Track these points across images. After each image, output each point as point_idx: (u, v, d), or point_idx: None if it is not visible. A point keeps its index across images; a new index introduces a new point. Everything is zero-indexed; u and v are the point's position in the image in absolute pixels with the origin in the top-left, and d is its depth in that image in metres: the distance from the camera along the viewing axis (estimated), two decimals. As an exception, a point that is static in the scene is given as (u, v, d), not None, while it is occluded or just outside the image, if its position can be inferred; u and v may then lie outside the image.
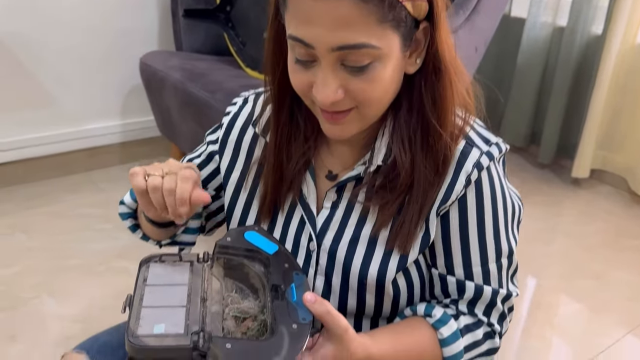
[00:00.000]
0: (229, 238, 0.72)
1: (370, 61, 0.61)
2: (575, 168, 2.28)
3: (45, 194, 2.03)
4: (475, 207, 0.71)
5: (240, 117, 0.84)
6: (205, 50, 2.09)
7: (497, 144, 0.73)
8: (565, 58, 2.29)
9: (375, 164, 0.72)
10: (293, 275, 0.68)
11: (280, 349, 0.58)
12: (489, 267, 0.73)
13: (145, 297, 0.63)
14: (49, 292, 1.54)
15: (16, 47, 1.92)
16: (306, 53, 0.62)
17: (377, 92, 0.64)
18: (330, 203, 0.76)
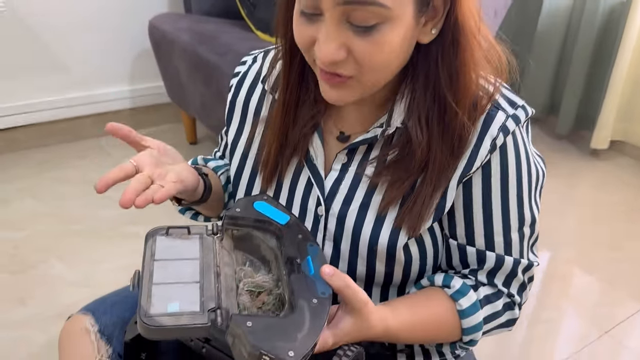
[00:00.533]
0: (237, 208, 0.68)
1: (377, 22, 0.57)
2: (595, 139, 2.23)
3: (55, 158, 2.04)
4: (499, 174, 0.68)
5: (249, 76, 0.81)
6: (215, 12, 2.05)
7: (524, 107, 0.69)
8: (588, 25, 2.21)
9: (395, 125, 0.68)
10: (307, 246, 0.65)
11: (302, 325, 0.55)
12: (511, 236, 0.71)
13: (155, 273, 0.59)
14: (58, 257, 1.54)
15: (25, 13, 1.90)
16: (312, 4, 0.58)
17: (381, 58, 0.60)
18: (340, 165, 0.73)
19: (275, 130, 0.73)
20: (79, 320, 0.76)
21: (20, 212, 1.73)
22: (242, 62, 0.83)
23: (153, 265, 0.60)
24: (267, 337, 0.53)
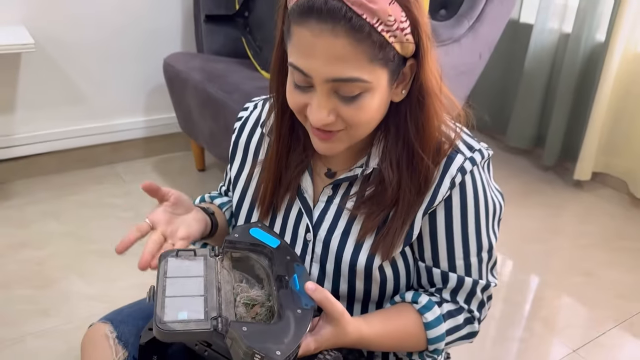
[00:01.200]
0: (236, 234, 0.80)
1: (360, 92, 0.69)
2: (578, 171, 2.36)
3: (74, 183, 2.19)
4: (459, 207, 0.79)
5: (250, 121, 0.93)
6: (224, 52, 2.22)
7: (480, 150, 0.80)
8: (570, 64, 2.36)
9: (372, 166, 0.80)
10: (295, 266, 0.76)
11: (288, 331, 0.65)
12: (471, 260, 0.81)
13: (167, 288, 0.70)
14: (78, 274, 1.68)
15: (52, 48, 2.08)
16: (304, 80, 0.70)
17: (365, 118, 0.72)
18: (326, 197, 0.84)
19: (270, 174, 0.85)
20: (99, 328, 0.87)
21: (43, 232, 1.88)
22: (244, 108, 0.96)
23: (166, 282, 0.71)
24: (259, 340, 0.63)
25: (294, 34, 0.68)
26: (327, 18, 0.64)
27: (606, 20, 2.26)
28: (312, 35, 0.65)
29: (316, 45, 0.66)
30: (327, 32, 0.64)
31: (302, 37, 0.67)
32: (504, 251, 1.96)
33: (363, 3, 0.64)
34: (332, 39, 0.65)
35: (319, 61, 0.66)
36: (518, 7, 2.60)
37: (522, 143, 2.63)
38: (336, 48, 0.65)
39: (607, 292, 1.78)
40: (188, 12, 2.30)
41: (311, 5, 0.64)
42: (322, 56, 0.66)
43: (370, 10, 0.64)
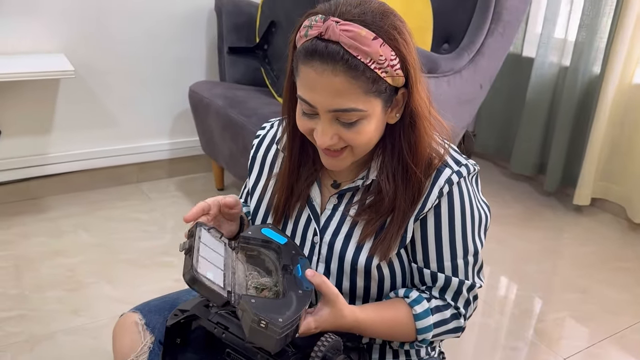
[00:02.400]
0: (249, 232, 0.92)
1: (357, 119, 0.80)
2: (577, 196, 2.47)
3: (104, 200, 2.36)
4: (447, 214, 0.89)
5: (266, 139, 1.05)
6: (244, 81, 2.40)
7: (467, 165, 0.90)
8: (569, 95, 2.50)
9: (371, 178, 0.90)
10: (298, 258, 0.87)
11: (290, 305, 0.76)
12: (457, 262, 0.90)
13: (201, 250, 0.81)
14: (106, 279, 1.83)
15: (87, 75, 2.27)
16: (310, 109, 0.82)
17: (364, 139, 0.83)
18: (332, 206, 0.95)
19: (284, 185, 0.96)
20: (129, 317, 0.99)
21: (75, 242, 2.03)
22: (262, 127, 1.08)
23: (200, 245, 0.82)
24: (265, 310, 0.73)
25: (300, 71, 0.80)
26: (327, 59, 0.76)
27: (601, 54, 2.40)
28: (316, 73, 0.77)
29: (319, 82, 0.78)
30: (328, 71, 0.76)
31: (308, 74, 0.78)
32: (504, 268, 2.07)
33: (358, 47, 0.76)
34: (333, 77, 0.77)
35: (322, 95, 0.79)
36: (520, 41, 2.76)
37: (525, 170, 2.75)
38: (336, 85, 0.77)
39: (601, 307, 1.87)
40: (212, 44, 2.49)
41: (314, 49, 0.77)
42: (325, 91, 0.78)
43: (364, 52, 0.76)
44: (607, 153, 2.46)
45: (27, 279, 1.80)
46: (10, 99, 2.16)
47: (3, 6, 2.04)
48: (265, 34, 2.21)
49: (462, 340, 1.65)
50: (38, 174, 2.29)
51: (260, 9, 2.24)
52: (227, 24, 2.35)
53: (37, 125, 2.24)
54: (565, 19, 2.55)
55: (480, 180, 0.96)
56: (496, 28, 2.03)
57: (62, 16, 2.15)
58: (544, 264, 2.12)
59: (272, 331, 0.72)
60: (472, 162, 0.93)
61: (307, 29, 0.79)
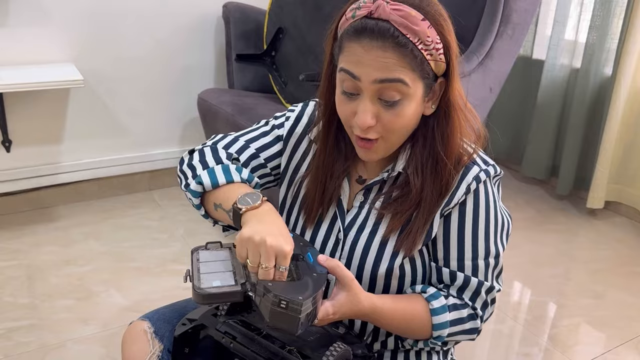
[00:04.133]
0: None
1: (400, 98, 0.80)
2: (590, 199, 2.43)
3: (114, 208, 2.37)
4: (472, 211, 0.89)
5: (305, 116, 1.01)
6: (253, 88, 2.40)
7: (494, 166, 0.90)
8: (580, 97, 2.47)
9: (397, 170, 0.90)
10: (308, 248, 0.86)
11: (307, 286, 0.75)
12: (478, 262, 0.89)
13: (201, 268, 0.80)
14: (115, 287, 1.83)
15: (97, 84, 2.29)
16: (352, 85, 0.81)
17: (401, 124, 0.82)
18: (359, 203, 0.94)
19: (318, 182, 0.94)
20: (138, 325, 0.97)
21: (85, 251, 2.04)
22: (294, 105, 1.04)
23: (199, 265, 0.81)
24: (283, 291, 0.72)
25: (346, 49, 0.80)
26: (377, 36, 0.77)
27: (613, 56, 2.37)
28: (364, 49, 0.78)
29: (366, 57, 0.78)
30: (376, 47, 0.77)
31: (355, 50, 0.79)
32: (517, 273, 2.04)
33: (407, 25, 0.77)
34: (381, 52, 0.77)
35: (369, 67, 0.78)
36: (530, 44, 2.74)
37: (537, 173, 2.72)
38: (385, 59, 0.77)
39: (616, 312, 1.84)
40: (221, 51, 2.50)
41: (364, 27, 0.78)
42: (372, 64, 0.78)
43: (413, 31, 0.77)
44: (620, 155, 2.43)
45: (37, 288, 1.81)
46: (21, 109, 2.17)
47: (12, 17, 2.06)
48: (273, 41, 2.22)
49: (475, 347, 1.63)
50: (49, 183, 2.31)
51: (267, 16, 2.24)
52: (235, 31, 2.36)
53: (47, 134, 2.26)
54: (576, 21, 2.53)
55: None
56: (505, 30, 2.02)
57: (71, 26, 2.17)
58: (557, 269, 2.09)
59: (293, 310, 0.71)
60: (497, 165, 0.93)
61: (355, 11, 0.80)
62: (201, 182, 0.91)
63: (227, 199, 0.87)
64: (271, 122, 1.04)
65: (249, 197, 0.84)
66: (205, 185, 0.91)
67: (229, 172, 0.92)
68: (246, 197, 0.84)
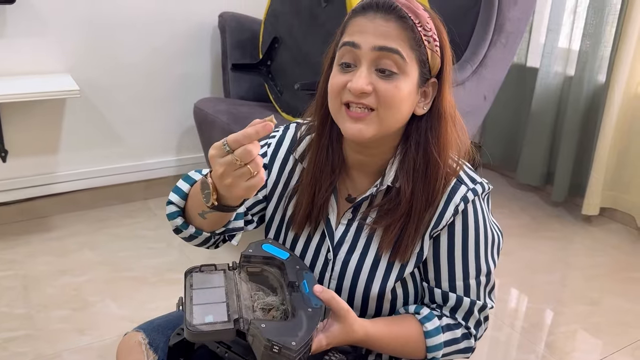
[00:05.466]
0: (250, 250, 0.89)
1: (397, 71, 0.80)
2: (585, 206, 2.44)
3: (109, 218, 2.36)
4: (461, 232, 0.88)
5: (286, 139, 0.99)
6: (249, 97, 2.41)
7: (482, 184, 0.89)
8: (574, 104, 2.48)
9: (385, 184, 0.88)
10: (304, 274, 0.85)
11: (301, 326, 0.74)
12: (470, 282, 0.89)
13: (194, 297, 0.78)
14: (111, 297, 1.82)
15: (93, 94, 2.29)
16: (351, 54, 0.81)
17: (397, 99, 0.81)
18: (347, 220, 0.92)
19: (307, 196, 0.93)
20: (133, 336, 0.96)
21: (81, 261, 2.03)
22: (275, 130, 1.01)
23: (192, 292, 0.79)
24: (276, 334, 0.71)
25: (349, 25, 0.83)
26: (382, 9, 0.80)
27: (606, 63, 2.39)
28: (367, 20, 0.81)
29: (370, 26, 0.81)
30: (380, 18, 0.80)
31: (359, 21, 0.82)
32: (512, 281, 2.04)
33: (410, 7, 0.81)
34: (384, 22, 0.80)
35: (370, 35, 0.80)
36: (524, 52, 2.76)
37: (532, 180, 2.73)
38: (386, 28, 0.80)
39: (612, 319, 1.84)
40: (217, 61, 2.51)
41: (370, 3, 0.82)
42: (373, 32, 0.80)
43: (415, 12, 0.81)
44: (615, 162, 2.44)
45: (33, 299, 1.80)
46: (17, 119, 2.17)
47: (8, 28, 2.06)
48: (269, 50, 2.23)
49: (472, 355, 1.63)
50: (44, 193, 2.31)
51: (263, 26, 2.26)
52: (231, 40, 2.37)
53: (43, 144, 2.26)
54: (569, 29, 2.55)
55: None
56: (499, 39, 2.03)
57: (67, 36, 2.17)
58: (553, 275, 2.10)
59: (286, 356, 0.71)
60: (486, 181, 0.92)
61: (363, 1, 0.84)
62: (171, 202, 0.90)
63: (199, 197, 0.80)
64: None
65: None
66: (175, 201, 0.89)
67: (189, 177, 0.91)
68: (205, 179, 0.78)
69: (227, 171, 0.71)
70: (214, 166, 0.72)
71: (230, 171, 0.71)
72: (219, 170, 0.71)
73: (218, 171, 0.72)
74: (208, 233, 0.92)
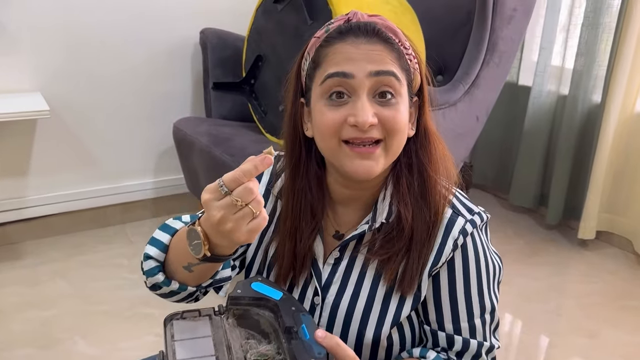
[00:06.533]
0: (239, 290, 0.78)
1: (395, 94, 0.76)
2: (581, 230, 2.36)
3: (84, 244, 2.24)
4: (462, 268, 0.82)
5: (265, 175, 0.92)
6: (231, 117, 2.31)
7: (479, 214, 0.84)
8: (569, 124, 2.41)
9: (379, 221, 0.82)
10: (301, 316, 0.75)
11: None
12: (475, 322, 0.83)
13: (177, 351, 0.68)
14: (81, 334, 1.70)
15: (66, 114, 2.18)
16: (342, 85, 0.75)
17: (402, 124, 0.77)
18: (334, 260, 0.85)
19: (285, 247, 0.85)
20: None
21: (51, 292, 1.91)
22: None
23: (174, 345, 0.69)
24: None
25: (327, 53, 0.77)
26: (363, 33, 0.76)
27: (601, 83, 2.32)
28: (351, 46, 0.75)
29: (356, 52, 0.75)
30: (364, 42, 0.75)
31: (341, 49, 0.76)
32: (508, 310, 1.95)
33: (388, 25, 0.78)
34: (370, 46, 0.75)
35: (361, 62, 0.74)
36: (516, 70, 2.69)
37: (525, 202, 2.65)
38: (375, 52, 0.75)
39: (612, 352, 1.75)
40: (198, 79, 2.41)
41: (347, 28, 0.77)
42: (365, 58, 0.74)
43: (394, 32, 0.78)
44: (611, 184, 2.37)
45: (-4, 336, 1.68)
46: (-16, 141, 2.06)
47: (-24, 45, 1.95)
48: (252, 69, 2.13)
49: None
50: (15, 218, 2.19)
51: (246, 43, 2.16)
52: (213, 58, 2.28)
53: (13, 167, 2.14)
54: (562, 47, 2.48)
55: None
56: (492, 59, 1.95)
57: (37, 54, 2.07)
58: (548, 304, 2.01)
59: None
60: (483, 210, 0.87)
61: (327, 27, 0.79)
62: (149, 256, 0.82)
63: (184, 249, 0.72)
64: None
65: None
66: (154, 255, 0.81)
67: (168, 226, 0.84)
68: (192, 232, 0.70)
69: (227, 215, 0.63)
70: (210, 211, 0.64)
71: (230, 214, 0.63)
72: (216, 216, 0.63)
73: (216, 216, 0.63)
74: (193, 288, 0.83)
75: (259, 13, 2.08)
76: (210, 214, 0.64)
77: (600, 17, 2.26)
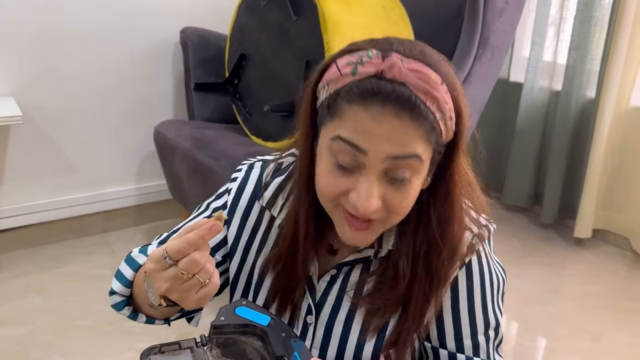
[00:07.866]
0: (222, 317, 0.71)
1: (410, 174, 0.65)
2: (577, 228, 2.30)
3: (62, 255, 2.13)
4: (465, 288, 0.77)
5: (250, 183, 0.84)
6: (215, 119, 2.22)
7: (487, 226, 0.78)
8: (562, 121, 2.35)
9: (386, 249, 0.75)
10: (292, 343, 0.69)
11: None
12: (478, 339, 0.78)
13: None
14: (58, 352, 1.60)
15: (41, 119, 2.07)
16: (354, 159, 0.64)
17: (407, 203, 0.68)
18: (330, 277, 0.79)
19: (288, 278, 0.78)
20: None
21: (25, 308, 1.81)
22: (237, 169, 0.86)
23: None
24: None
25: (346, 113, 0.64)
26: (392, 103, 0.61)
27: (595, 78, 2.27)
28: (373, 118, 0.62)
29: (378, 128, 0.62)
30: (390, 115, 0.61)
31: (360, 117, 0.63)
32: (506, 314, 1.88)
33: (428, 90, 0.62)
34: (398, 122, 0.62)
35: (380, 139, 0.62)
36: (507, 66, 2.63)
37: (519, 201, 2.58)
38: (400, 129, 0.62)
39: (616, 356, 1.69)
40: (179, 80, 2.32)
41: (377, 90, 0.62)
42: (384, 136, 0.62)
43: (433, 98, 0.62)
44: (607, 180, 2.31)
45: (-34, 357, 1.57)
46: (-47, 148, 1.95)
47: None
48: (236, 68, 2.04)
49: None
50: (-12, 229, 2.07)
51: (229, 42, 2.07)
52: (194, 58, 2.19)
53: (-16, 176, 2.03)
54: (554, 41, 2.42)
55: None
56: (484, 54, 1.88)
57: (9, 55, 1.96)
58: (549, 307, 1.94)
59: None
60: (489, 220, 0.80)
61: (356, 66, 0.63)
62: (114, 291, 0.78)
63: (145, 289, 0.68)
64: (213, 204, 0.86)
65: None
66: (118, 290, 0.77)
67: (133, 260, 0.78)
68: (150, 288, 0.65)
69: (173, 286, 0.60)
70: (156, 282, 0.61)
71: (177, 285, 0.60)
72: (163, 287, 0.61)
73: (162, 287, 0.61)
74: (162, 321, 0.82)
75: (241, 10, 2.00)
76: (156, 285, 0.61)
77: (592, 11, 2.21)
